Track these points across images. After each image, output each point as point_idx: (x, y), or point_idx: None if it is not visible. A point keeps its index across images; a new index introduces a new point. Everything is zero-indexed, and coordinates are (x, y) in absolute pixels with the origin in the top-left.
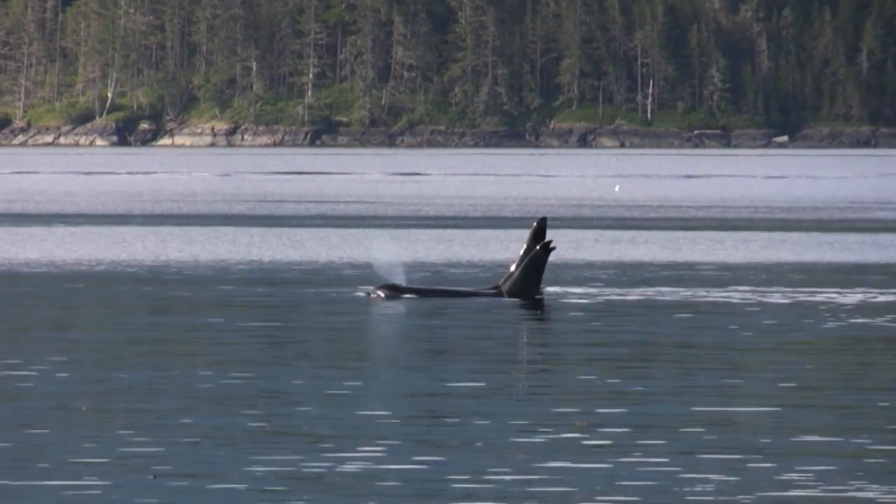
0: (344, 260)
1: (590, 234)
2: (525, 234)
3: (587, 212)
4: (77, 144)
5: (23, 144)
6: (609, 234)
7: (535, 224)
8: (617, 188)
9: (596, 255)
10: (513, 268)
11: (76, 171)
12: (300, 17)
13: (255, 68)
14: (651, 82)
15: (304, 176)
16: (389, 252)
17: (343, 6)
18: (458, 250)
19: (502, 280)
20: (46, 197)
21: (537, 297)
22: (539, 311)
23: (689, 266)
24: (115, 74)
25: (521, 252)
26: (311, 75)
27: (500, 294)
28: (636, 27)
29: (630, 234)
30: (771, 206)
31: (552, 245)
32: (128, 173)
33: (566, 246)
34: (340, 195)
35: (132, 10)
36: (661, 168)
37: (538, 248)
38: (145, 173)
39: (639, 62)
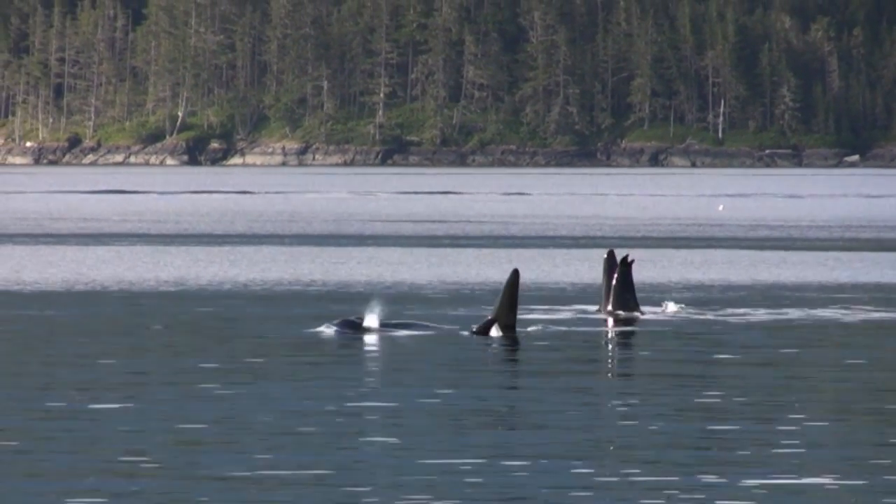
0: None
1: (741, 254)
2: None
3: (714, 231)
4: (147, 163)
5: (93, 164)
6: (756, 254)
7: (605, 256)
8: (721, 207)
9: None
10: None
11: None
12: (371, 36)
13: (325, 87)
14: (722, 101)
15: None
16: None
17: (414, 25)
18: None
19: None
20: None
21: (639, 312)
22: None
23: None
24: (185, 93)
25: (603, 285)
26: (381, 94)
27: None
28: (707, 46)
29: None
30: (882, 226)
31: (630, 259)
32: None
33: (718, 268)
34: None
35: (202, 30)
36: (749, 187)
37: (619, 266)
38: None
39: (710, 81)
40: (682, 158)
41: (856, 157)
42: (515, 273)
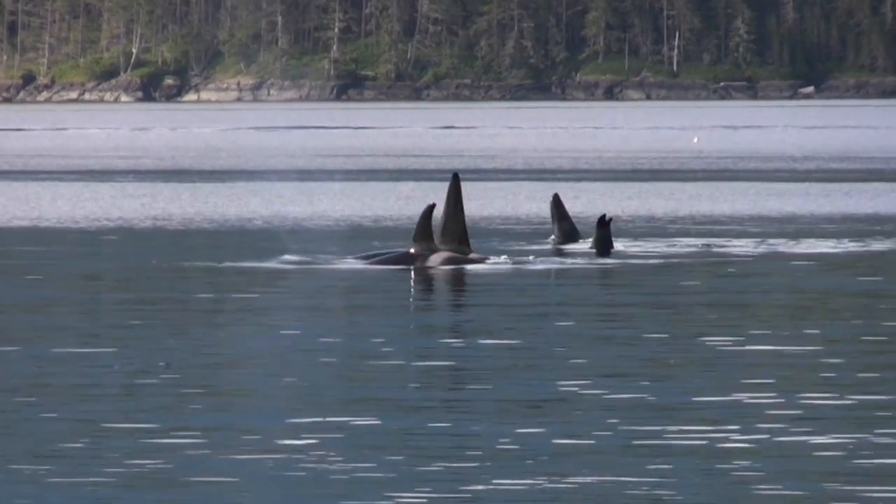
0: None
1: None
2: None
3: (726, 164)
4: (101, 100)
5: (47, 101)
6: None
7: (551, 199)
8: (696, 139)
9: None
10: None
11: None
12: None
13: (280, 23)
14: (677, 34)
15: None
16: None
17: None
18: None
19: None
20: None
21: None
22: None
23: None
24: (139, 30)
25: (555, 228)
26: (336, 30)
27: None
28: None
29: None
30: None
31: (608, 217)
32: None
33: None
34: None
35: None
36: (719, 119)
37: (597, 226)
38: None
39: (664, 14)
40: (637, 92)
41: (811, 89)
42: (455, 177)
